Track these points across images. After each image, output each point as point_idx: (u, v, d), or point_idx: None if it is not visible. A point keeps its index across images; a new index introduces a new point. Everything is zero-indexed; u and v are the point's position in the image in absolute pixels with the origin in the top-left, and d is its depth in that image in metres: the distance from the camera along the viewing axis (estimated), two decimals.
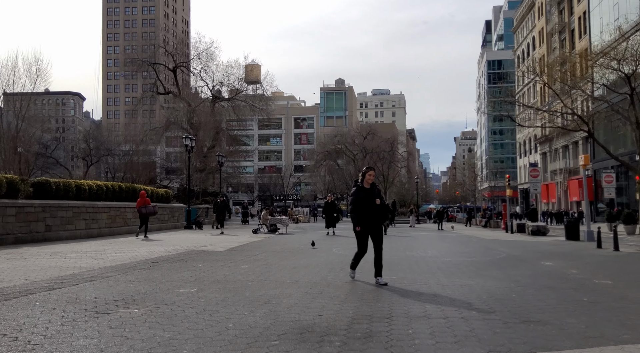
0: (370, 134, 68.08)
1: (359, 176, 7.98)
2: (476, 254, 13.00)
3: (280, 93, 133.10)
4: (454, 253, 13.10)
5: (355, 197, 7.71)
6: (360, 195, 7.67)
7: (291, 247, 14.61)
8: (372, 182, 7.78)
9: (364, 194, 7.65)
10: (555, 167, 61.46)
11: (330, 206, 22.42)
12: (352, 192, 7.87)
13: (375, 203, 7.60)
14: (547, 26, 64.82)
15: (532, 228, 25.14)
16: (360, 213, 7.70)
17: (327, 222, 22.27)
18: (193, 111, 40.55)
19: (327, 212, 22.39)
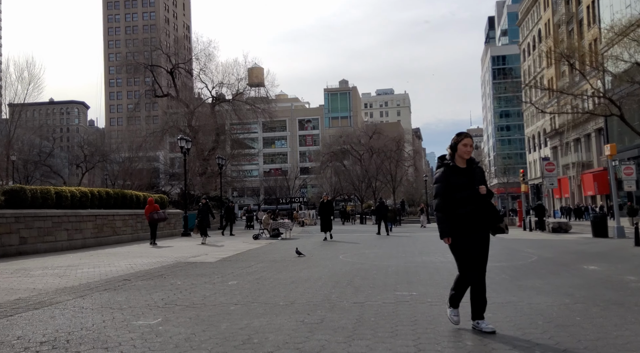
0: (376, 134, 66.50)
1: (447, 150, 4.97)
2: (503, 257, 11.35)
3: (284, 95, 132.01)
4: None
5: (444, 184, 4.69)
6: (451, 181, 4.66)
7: (292, 254, 13.02)
8: (471, 158, 4.80)
9: (459, 178, 4.66)
10: (567, 161, 59.51)
11: (325, 207, 19.69)
12: (437, 176, 4.84)
13: (479, 193, 4.65)
14: (554, 17, 62.94)
15: (553, 226, 23.41)
16: (455, 211, 4.65)
17: (322, 225, 19.60)
18: (192, 113, 39.12)
19: (322, 214, 19.68)
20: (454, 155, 4.77)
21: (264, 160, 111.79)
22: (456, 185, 4.64)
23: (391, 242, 17.64)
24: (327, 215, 19.40)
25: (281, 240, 19.26)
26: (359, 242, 18.20)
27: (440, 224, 4.81)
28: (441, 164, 4.87)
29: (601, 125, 49.35)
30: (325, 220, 19.44)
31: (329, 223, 19.35)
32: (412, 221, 50.13)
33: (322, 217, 19.69)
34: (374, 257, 11.94)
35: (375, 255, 12.59)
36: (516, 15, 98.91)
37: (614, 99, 20.94)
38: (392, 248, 14.88)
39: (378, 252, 13.59)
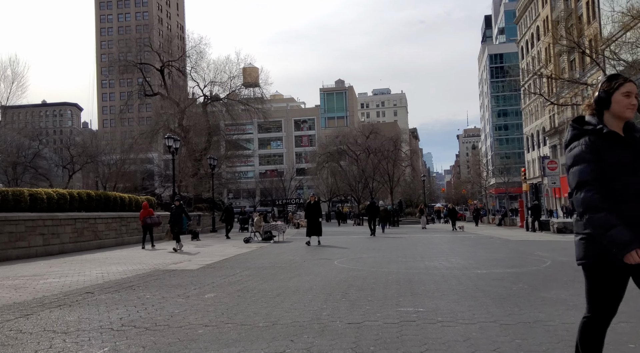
0: (373, 133, 65.55)
1: (592, 96, 2.91)
2: (514, 262, 10.33)
3: (280, 95, 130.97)
4: (486, 262, 10.43)
5: (594, 164, 2.65)
6: (607, 158, 2.66)
7: (283, 259, 11.99)
8: (630, 123, 2.80)
9: (619, 152, 2.67)
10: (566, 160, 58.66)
11: (313, 208, 17.33)
12: (579, 151, 2.71)
13: None
14: (552, 14, 62.12)
15: (558, 226, 22.44)
16: (613, 204, 2.61)
17: (309, 228, 17.29)
18: (182, 112, 37.95)
19: (309, 216, 17.34)
20: (601, 114, 2.78)
21: (260, 162, 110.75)
22: (616, 163, 2.63)
23: (389, 245, 16.61)
24: (315, 217, 17.24)
25: (273, 244, 18.20)
26: (354, 244, 17.18)
27: (594, 225, 2.61)
28: (581, 131, 2.77)
29: None
30: (313, 223, 17.25)
31: (317, 227, 17.16)
32: (410, 222, 49.08)
33: (309, 219, 17.43)
34: (372, 262, 10.91)
35: (373, 259, 11.56)
36: (513, 13, 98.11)
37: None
38: (391, 251, 13.85)
39: (376, 256, 12.56)
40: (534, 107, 76.29)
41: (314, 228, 17.17)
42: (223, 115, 44.56)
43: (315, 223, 17.17)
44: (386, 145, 60.66)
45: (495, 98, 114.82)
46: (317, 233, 17.20)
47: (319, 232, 17.27)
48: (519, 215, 33.74)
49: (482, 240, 18.80)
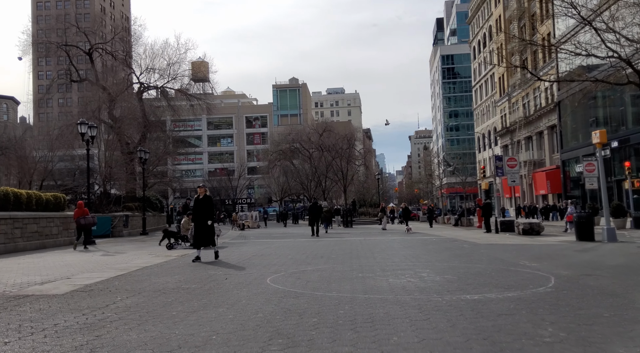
0: (327, 131, 63.09)
1: None
2: (506, 279, 7.73)
3: (231, 92, 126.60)
4: (468, 278, 7.80)
5: None
6: None
7: (199, 275, 8.94)
8: None
9: None
10: (518, 160, 58.43)
11: (200, 206, 11.86)
12: None
13: None
14: (506, 13, 61.80)
15: (524, 227, 20.50)
16: None
17: (195, 237, 12.12)
18: (113, 101, 33.79)
19: (195, 218, 12.14)
20: None
21: (209, 159, 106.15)
22: None
23: (342, 251, 13.85)
24: (203, 218, 11.66)
25: (203, 250, 15.01)
26: (300, 250, 14.33)
27: None
28: None
29: (554, 122, 48.14)
30: (200, 228, 11.70)
31: (207, 234, 11.67)
32: (364, 222, 46.82)
33: (195, 222, 12.08)
34: (317, 279, 8.06)
35: (319, 275, 8.72)
36: (465, 15, 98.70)
37: None
38: (344, 260, 11.09)
39: (324, 268, 9.73)
40: (485, 107, 76.35)
41: (202, 236, 11.69)
42: (164, 107, 40.65)
43: (204, 228, 11.68)
44: (340, 143, 58.41)
45: (447, 99, 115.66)
46: (206, 242, 11.75)
47: (211, 241, 11.84)
48: (477, 215, 32.06)
49: (446, 243, 16.40)
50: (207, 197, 12.12)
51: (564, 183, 46.44)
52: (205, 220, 11.73)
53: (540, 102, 52.47)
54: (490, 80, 73.21)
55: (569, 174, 46.21)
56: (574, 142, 44.55)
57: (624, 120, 36.21)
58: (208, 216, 11.77)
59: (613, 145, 37.03)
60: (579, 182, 43.95)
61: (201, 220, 11.79)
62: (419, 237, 20.59)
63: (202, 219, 11.77)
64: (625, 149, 35.11)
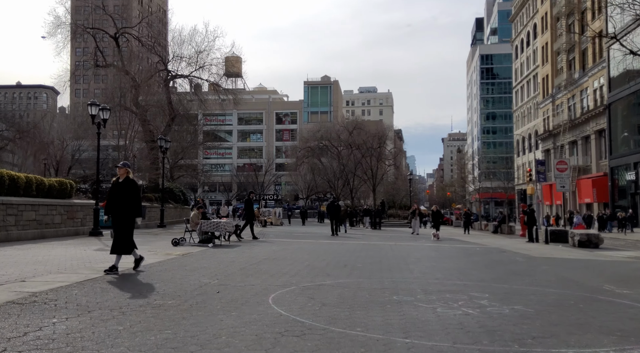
0: (357, 129, 60.73)
1: None
2: (604, 316, 5.40)
3: (263, 88, 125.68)
4: (550, 313, 5.53)
5: None
6: None
7: (189, 284, 6.99)
8: None
9: None
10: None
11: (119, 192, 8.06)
12: None
13: None
14: (553, 10, 58.03)
15: (581, 238, 17.86)
16: None
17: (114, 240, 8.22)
18: (138, 87, 32.52)
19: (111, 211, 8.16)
20: None
21: (238, 154, 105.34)
22: None
23: (368, 259, 11.71)
24: (121, 211, 7.97)
25: (210, 249, 13.14)
26: (318, 254, 12.26)
27: None
28: None
29: (603, 126, 44.55)
30: (117, 226, 8.06)
31: (123, 236, 8.03)
32: (393, 224, 44.42)
33: (113, 217, 8.13)
34: (336, 302, 5.96)
35: (339, 294, 6.61)
36: (507, 14, 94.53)
37: None
38: (371, 274, 8.95)
39: (345, 282, 7.63)
40: (526, 109, 72.47)
41: (119, 239, 8.03)
42: (191, 98, 39.34)
43: (120, 227, 8.01)
44: (370, 141, 56.07)
45: (485, 100, 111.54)
46: (121, 249, 8.08)
47: (125, 248, 8.09)
48: (520, 223, 29.31)
49: (493, 255, 14.01)
50: (130, 181, 8.02)
51: (611, 191, 42.89)
52: (124, 215, 7.86)
53: (587, 105, 48.81)
54: (533, 81, 69.37)
55: (617, 182, 42.64)
56: (624, 148, 41.00)
57: None
58: (129, 209, 7.86)
59: None
60: (628, 191, 40.41)
61: (118, 214, 7.88)
62: (459, 245, 18.18)
63: (119, 213, 7.86)
64: None
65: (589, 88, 49.28)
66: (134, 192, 8.02)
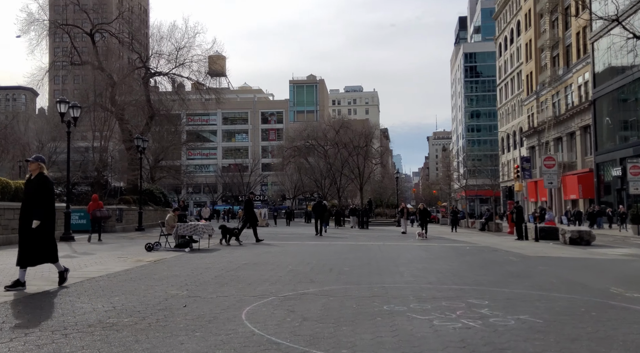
0: (343, 128, 60.08)
1: None
2: (627, 328, 4.75)
3: (248, 87, 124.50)
4: (564, 324, 4.84)
5: None
6: None
7: (155, 298, 6.19)
8: None
9: None
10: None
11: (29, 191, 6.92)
12: None
13: None
14: (536, 6, 58.04)
15: (572, 235, 17.39)
16: None
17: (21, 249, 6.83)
18: (115, 85, 31.41)
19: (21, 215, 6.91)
20: None
21: (223, 155, 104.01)
22: None
23: (356, 261, 10.99)
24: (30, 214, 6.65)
25: (186, 254, 12.31)
26: (302, 256, 11.52)
27: None
28: None
29: (588, 122, 44.53)
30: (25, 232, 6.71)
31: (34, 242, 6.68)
32: (380, 223, 43.87)
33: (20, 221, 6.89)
34: (319, 316, 5.22)
35: (323, 305, 5.87)
36: (490, 12, 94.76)
37: None
38: (360, 277, 8.24)
39: (331, 290, 6.88)
40: (510, 106, 72.59)
41: (25, 245, 6.75)
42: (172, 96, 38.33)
43: (29, 233, 6.69)
44: (357, 139, 55.50)
45: (469, 99, 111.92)
46: (31, 258, 6.76)
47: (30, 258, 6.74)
48: (507, 220, 28.93)
49: (485, 254, 13.40)
50: (41, 178, 6.85)
51: (597, 188, 42.85)
52: (31, 218, 6.61)
53: (572, 101, 48.78)
54: (516, 78, 69.46)
55: (603, 178, 42.61)
56: (610, 144, 40.96)
57: None
58: (37, 211, 6.61)
59: None
60: (614, 187, 40.37)
61: (24, 217, 6.72)
62: (448, 244, 17.57)
63: (25, 216, 6.69)
64: None
65: (574, 84, 49.29)
66: (42, 190, 6.75)
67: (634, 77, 36.37)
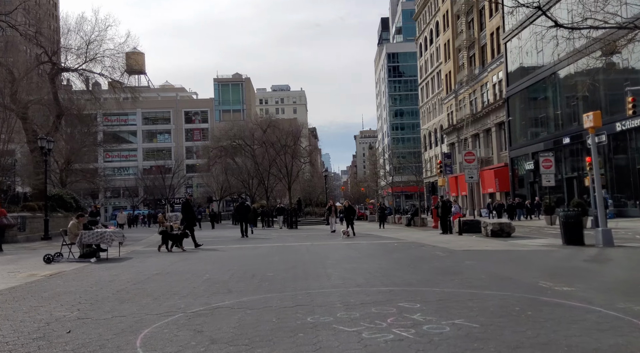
0: (271, 127, 59.11)
1: None
2: (566, 330, 4.31)
3: (170, 85, 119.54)
4: (502, 328, 4.40)
5: None
6: None
7: (35, 323, 5.10)
8: None
9: None
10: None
11: None
12: None
13: None
14: (453, 7, 60.50)
15: (493, 228, 17.86)
16: None
17: None
18: (15, 81, 28.36)
19: None
20: None
21: (145, 156, 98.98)
22: None
23: (282, 263, 10.29)
24: None
25: (93, 264, 10.97)
26: (224, 263, 10.64)
27: None
28: None
29: (502, 119, 46.98)
30: None
31: None
32: (310, 222, 43.52)
33: None
34: (231, 336, 4.41)
35: (238, 320, 5.08)
36: (411, 13, 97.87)
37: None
38: (284, 283, 7.54)
39: (250, 301, 6.12)
40: (431, 105, 75.32)
41: None
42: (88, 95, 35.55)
43: None
44: (285, 138, 54.76)
45: (393, 98, 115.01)
46: None
47: None
48: (432, 214, 29.56)
49: (413, 250, 13.21)
50: None
51: (512, 181, 45.30)
52: None
53: (488, 99, 51.27)
54: (436, 78, 72.10)
55: (517, 171, 45.12)
56: (522, 140, 43.42)
57: (575, 117, 35.00)
58: None
59: (565, 141, 35.93)
60: (527, 180, 42.86)
61: None
62: (376, 242, 17.35)
63: None
64: (581, 144, 33.83)
65: (489, 83, 51.73)
66: None
67: (542, 76, 38.72)
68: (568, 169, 36.52)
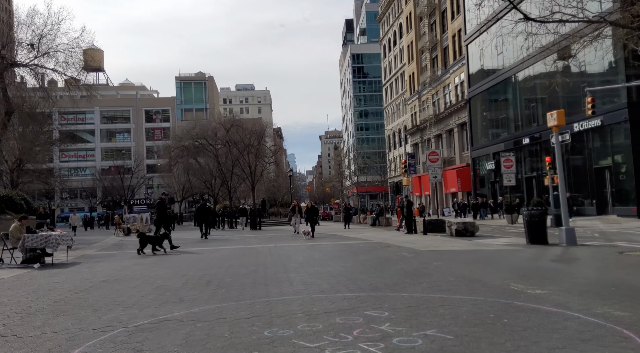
0: (235, 126, 57.97)
1: None
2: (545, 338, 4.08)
3: (130, 83, 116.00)
4: (479, 339, 4.08)
5: None
6: None
7: None
8: None
9: None
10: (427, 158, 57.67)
11: None
12: None
13: None
14: (416, 10, 61.08)
15: (457, 227, 17.78)
16: None
17: None
18: None
19: None
20: None
21: (103, 156, 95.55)
22: None
23: (242, 267, 9.71)
24: None
25: (36, 270, 10.05)
26: (179, 269, 9.96)
27: None
28: None
29: (464, 119, 47.67)
30: None
31: None
32: (274, 223, 42.83)
33: None
34: None
35: (185, 335, 4.49)
36: (375, 14, 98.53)
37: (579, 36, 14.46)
38: (241, 290, 6.98)
39: (201, 312, 5.52)
40: (395, 105, 75.91)
41: None
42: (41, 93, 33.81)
43: None
44: (249, 138, 53.78)
45: (357, 98, 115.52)
46: None
47: None
48: (397, 214, 29.48)
49: (379, 251, 12.86)
50: None
51: (473, 180, 45.99)
52: None
53: (450, 100, 51.93)
54: (400, 79, 72.67)
55: (479, 171, 45.83)
56: (484, 140, 44.13)
57: (535, 118, 35.77)
58: None
59: (524, 142, 36.66)
60: (488, 179, 43.61)
61: None
62: (341, 242, 16.94)
63: None
64: (539, 145, 34.57)
65: (451, 84, 52.39)
66: None
67: (502, 78, 39.42)
68: (527, 169, 37.25)
